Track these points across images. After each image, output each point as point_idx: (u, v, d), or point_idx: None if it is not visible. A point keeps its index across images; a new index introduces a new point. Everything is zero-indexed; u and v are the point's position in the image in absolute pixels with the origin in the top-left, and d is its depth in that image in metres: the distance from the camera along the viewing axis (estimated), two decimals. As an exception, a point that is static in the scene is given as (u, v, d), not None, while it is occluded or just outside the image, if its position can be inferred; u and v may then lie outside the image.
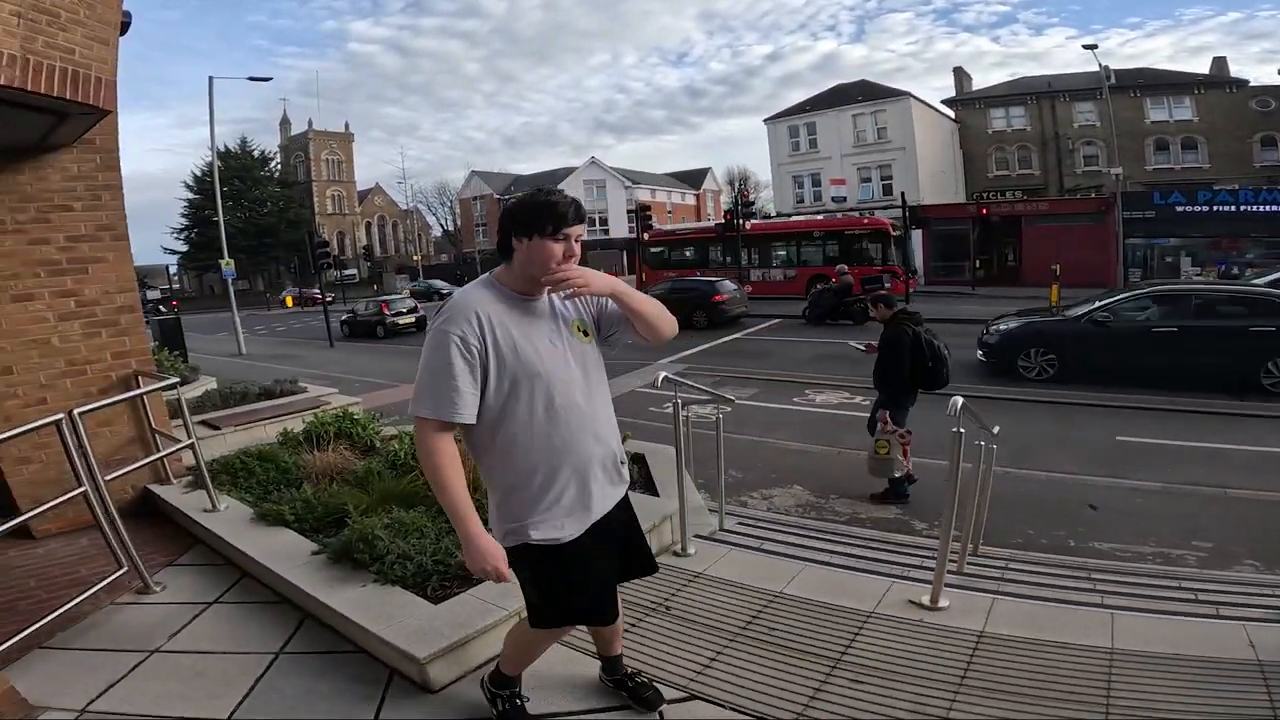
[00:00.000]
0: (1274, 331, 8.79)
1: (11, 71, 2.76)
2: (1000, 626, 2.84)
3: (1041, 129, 32.14)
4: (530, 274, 1.89)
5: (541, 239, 1.82)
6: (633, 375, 11.95)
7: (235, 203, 49.13)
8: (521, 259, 1.87)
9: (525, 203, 1.87)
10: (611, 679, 2.45)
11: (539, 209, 1.82)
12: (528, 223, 1.83)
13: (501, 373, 1.83)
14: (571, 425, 1.91)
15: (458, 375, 1.78)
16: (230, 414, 6.45)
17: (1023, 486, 5.79)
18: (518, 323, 1.87)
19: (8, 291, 4.02)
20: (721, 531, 4.09)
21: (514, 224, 1.86)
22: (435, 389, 1.79)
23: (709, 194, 63.24)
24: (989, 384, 10.02)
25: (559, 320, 1.97)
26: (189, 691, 2.52)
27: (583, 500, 1.97)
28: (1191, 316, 9.51)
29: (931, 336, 5.42)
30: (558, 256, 1.83)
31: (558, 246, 1.83)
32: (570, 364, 1.94)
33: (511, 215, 1.88)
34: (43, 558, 3.86)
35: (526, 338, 1.87)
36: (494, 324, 1.83)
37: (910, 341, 5.31)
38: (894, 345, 5.39)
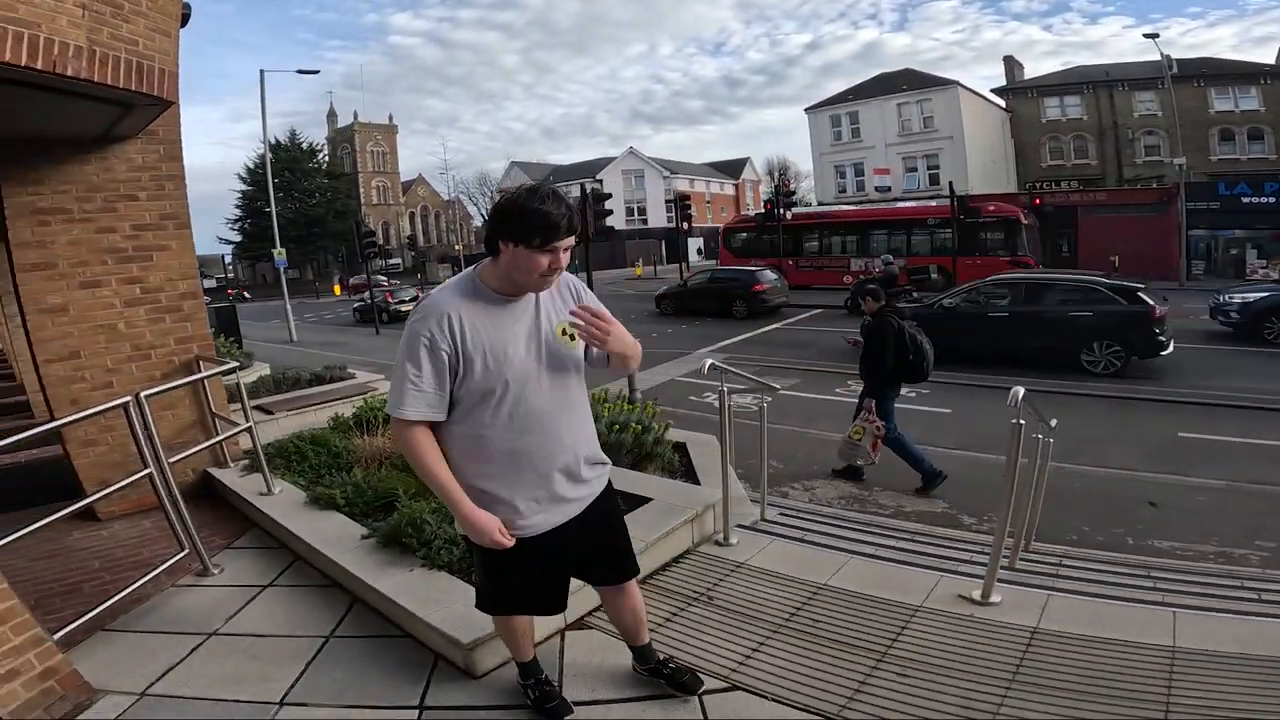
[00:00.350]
0: (1091, 316, 9.96)
1: (79, 63, 2.85)
2: (1055, 623, 2.76)
3: (1099, 118, 31.13)
4: (513, 279, 1.83)
5: (528, 249, 1.74)
6: (672, 364, 11.92)
7: (286, 194, 50.38)
8: (506, 261, 1.80)
9: (517, 206, 1.74)
10: (645, 668, 2.44)
11: (529, 217, 1.72)
12: (516, 229, 1.74)
13: (469, 375, 1.81)
14: (536, 430, 1.90)
15: (423, 375, 1.78)
16: (283, 399, 6.66)
17: (1078, 482, 5.61)
18: (492, 325, 1.84)
19: (76, 278, 4.18)
20: (763, 522, 4.05)
21: (502, 226, 1.77)
22: (402, 387, 1.80)
23: (748, 184, 62.60)
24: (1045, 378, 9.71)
25: (542, 322, 1.91)
26: (243, 674, 2.60)
27: (544, 502, 1.96)
28: (1022, 303, 10.76)
29: (915, 330, 5.51)
30: (543, 268, 1.77)
31: (544, 259, 1.76)
32: (543, 369, 1.90)
33: (502, 216, 1.78)
34: (107, 539, 4.01)
35: (499, 341, 1.83)
36: (465, 326, 1.80)
37: (894, 335, 5.40)
38: (877, 337, 5.48)
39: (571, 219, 1.76)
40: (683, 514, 3.47)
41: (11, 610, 2.26)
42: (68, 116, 3.55)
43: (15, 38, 2.57)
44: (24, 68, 2.63)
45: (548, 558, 2.03)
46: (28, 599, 3.05)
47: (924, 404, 8.47)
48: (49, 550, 3.78)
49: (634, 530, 3.24)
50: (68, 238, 4.13)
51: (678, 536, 3.43)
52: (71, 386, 4.21)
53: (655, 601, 3.02)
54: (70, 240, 4.15)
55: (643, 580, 3.17)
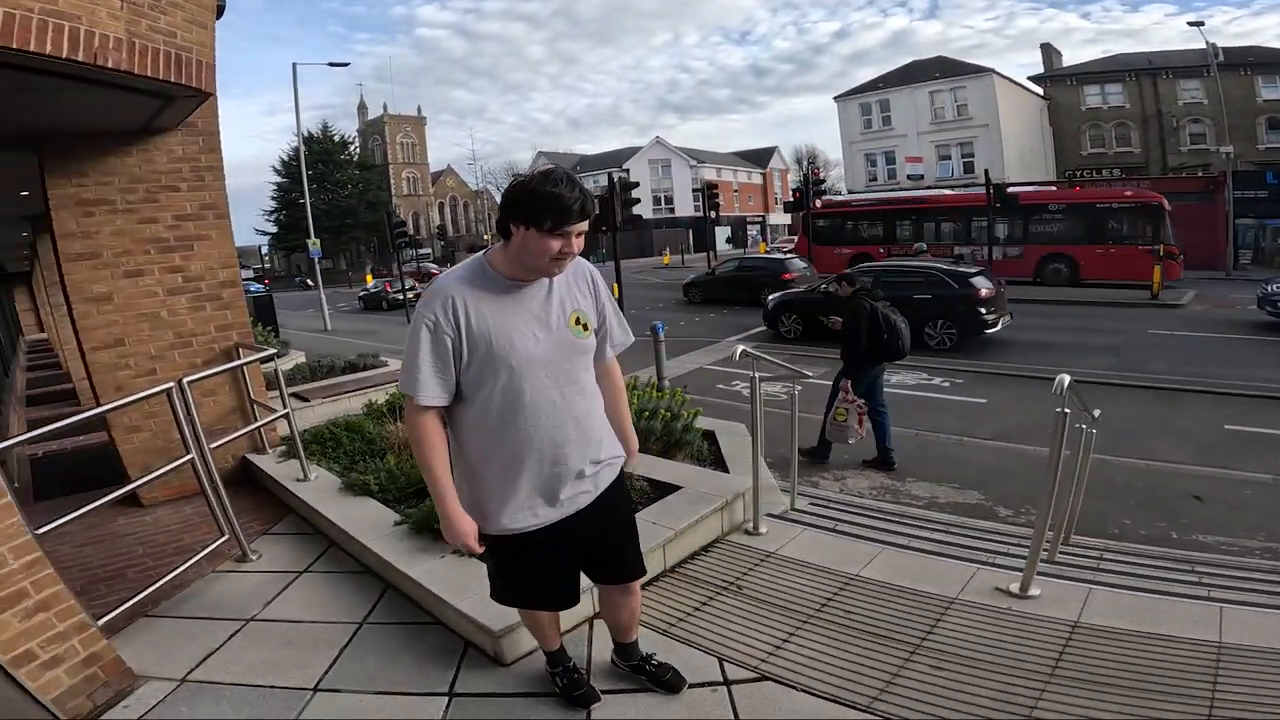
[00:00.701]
0: (930, 299, 11.28)
1: (119, 55, 2.89)
2: (1097, 617, 2.69)
3: (1142, 106, 30.52)
4: (524, 263, 1.79)
5: (539, 233, 1.70)
6: (700, 352, 11.87)
7: (319, 185, 51.13)
8: (516, 244, 1.76)
9: (529, 189, 1.70)
10: (628, 664, 2.41)
11: (541, 200, 1.68)
12: (528, 212, 1.70)
13: (473, 359, 1.79)
14: (540, 419, 1.85)
15: (423, 358, 1.77)
16: (318, 386, 6.78)
17: (1120, 474, 5.46)
18: (499, 311, 1.80)
19: (120, 267, 4.29)
20: (793, 511, 4.02)
21: (514, 208, 1.73)
22: (407, 368, 1.80)
23: (776, 172, 61.93)
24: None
25: (553, 308, 1.87)
26: (279, 661, 2.65)
27: (546, 495, 1.91)
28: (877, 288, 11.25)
29: (889, 311, 5.74)
30: (553, 252, 1.73)
31: (555, 242, 1.72)
32: (551, 356, 1.85)
33: (514, 199, 1.74)
34: (151, 525, 4.11)
35: (504, 327, 1.79)
36: (470, 310, 1.77)
37: (867, 316, 5.66)
38: (853, 319, 5.76)
39: (584, 203, 1.71)
40: (712, 502, 3.45)
41: (57, 596, 2.30)
42: (109, 109, 3.61)
43: (56, 30, 2.61)
44: (65, 60, 2.67)
45: (552, 551, 1.98)
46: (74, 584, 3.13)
47: (959, 394, 8.32)
48: (95, 536, 3.90)
49: (663, 518, 3.28)
50: (111, 228, 4.24)
51: (707, 525, 3.42)
52: (116, 374, 4.32)
53: (684, 590, 3.01)
54: (114, 230, 4.25)
55: (671, 568, 3.18)
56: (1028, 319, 14.28)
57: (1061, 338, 11.78)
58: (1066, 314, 14.80)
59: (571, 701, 2.30)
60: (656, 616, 2.81)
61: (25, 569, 2.19)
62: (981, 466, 5.75)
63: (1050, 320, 13.83)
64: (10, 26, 2.45)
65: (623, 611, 2.28)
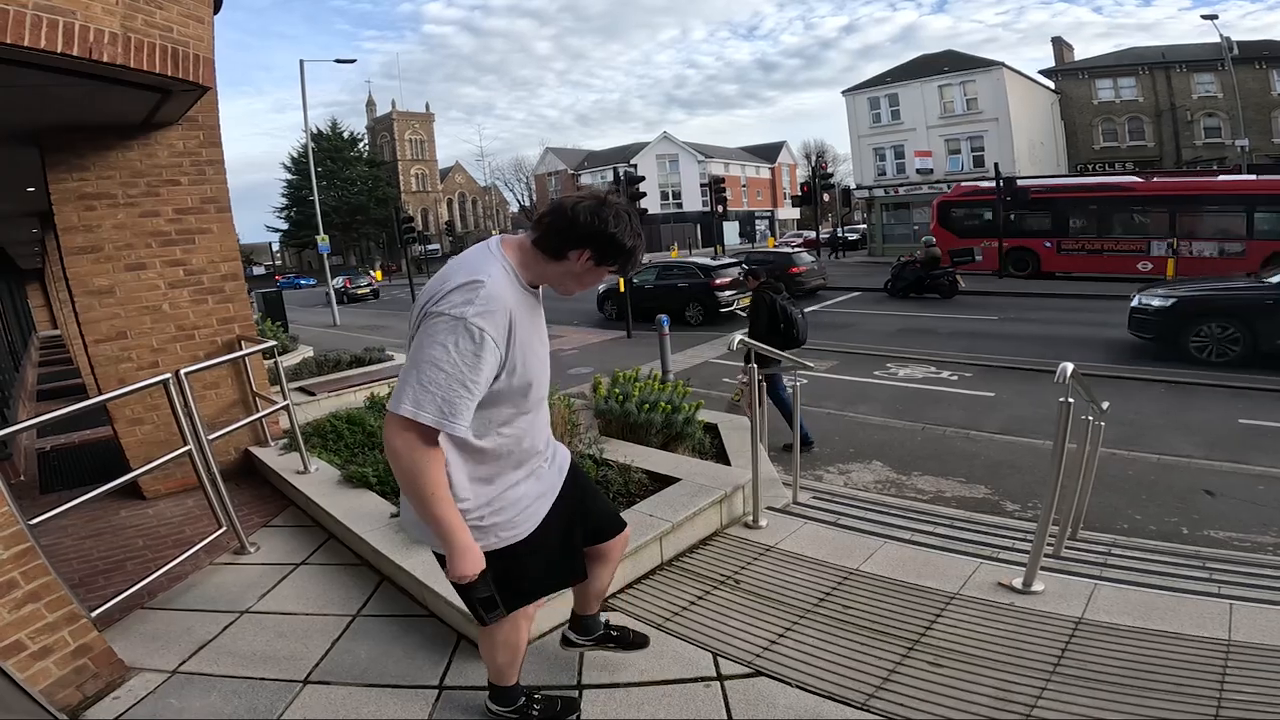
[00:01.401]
0: (688, 287, 15.35)
1: (114, 49, 2.89)
2: (1102, 613, 2.63)
3: (1155, 100, 30.31)
4: (554, 279, 1.75)
5: (598, 267, 1.70)
6: (706, 346, 11.83)
7: (328, 182, 51.43)
8: (570, 270, 1.71)
9: (623, 238, 1.68)
10: (589, 638, 2.37)
11: (622, 253, 1.70)
12: (610, 253, 1.68)
13: (511, 377, 1.66)
14: (540, 425, 1.88)
15: (479, 383, 1.56)
16: (324, 380, 6.80)
17: (1130, 468, 5.38)
18: (528, 323, 1.69)
19: (122, 261, 4.31)
20: (795, 505, 3.98)
21: (595, 242, 1.66)
22: (448, 391, 1.52)
23: (784, 167, 61.67)
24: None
25: (541, 318, 1.83)
26: (272, 652, 2.64)
27: (541, 491, 1.90)
28: (657, 279, 16.31)
29: (787, 303, 6.30)
30: (595, 284, 1.91)
31: (604, 276, 1.80)
32: (547, 368, 1.84)
33: (601, 236, 1.66)
34: (152, 518, 4.13)
35: (530, 341, 1.71)
36: (515, 325, 1.63)
37: (767, 308, 6.19)
38: (756, 309, 6.34)
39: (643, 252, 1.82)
40: (711, 494, 3.42)
41: (48, 587, 2.29)
42: (108, 103, 3.61)
43: (50, 25, 2.60)
44: (60, 55, 2.67)
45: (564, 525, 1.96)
46: (73, 576, 3.15)
47: (967, 388, 8.24)
48: (97, 529, 3.92)
49: (660, 510, 3.25)
50: (113, 222, 4.25)
51: (706, 518, 3.39)
52: (119, 366, 4.35)
53: (680, 584, 2.98)
54: (116, 224, 4.27)
55: (668, 561, 3.15)
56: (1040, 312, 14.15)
57: (1075, 330, 11.62)
58: (1080, 308, 14.63)
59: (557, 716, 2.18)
60: (651, 610, 2.78)
61: (15, 559, 2.19)
62: (989, 460, 5.67)
63: (1064, 314, 13.67)
64: (4, 22, 2.44)
65: (603, 578, 2.23)
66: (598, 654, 2.48)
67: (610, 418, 4.50)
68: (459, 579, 1.67)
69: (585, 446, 3.91)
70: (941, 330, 12.45)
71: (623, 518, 2.25)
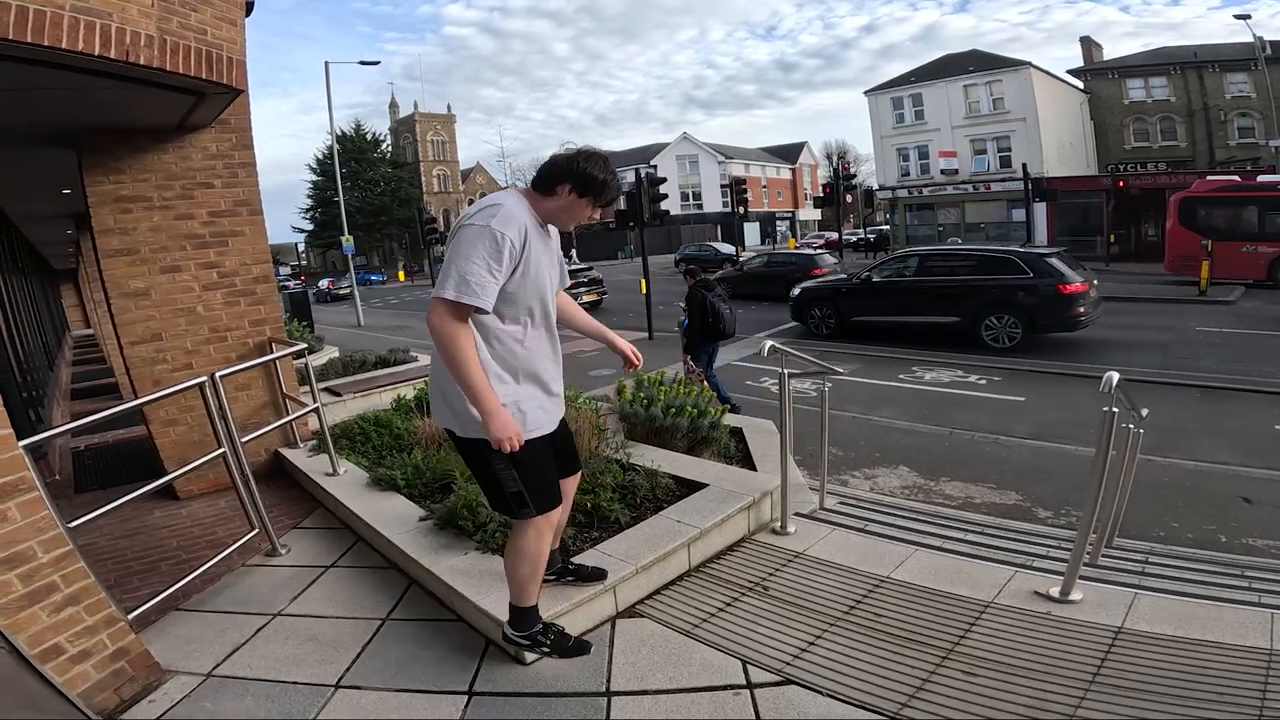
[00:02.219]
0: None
1: (150, 52, 2.91)
2: (1141, 623, 2.57)
3: (1188, 100, 29.79)
4: (555, 215, 2.20)
5: (585, 200, 2.17)
6: (729, 349, 11.74)
7: (352, 183, 51.94)
8: (558, 203, 2.17)
9: (591, 170, 2.13)
10: (550, 573, 2.60)
11: (599, 184, 2.15)
12: (584, 185, 2.14)
13: (524, 281, 2.11)
14: (549, 340, 2.28)
15: (499, 270, 2.01)
16: (350, 381, 6.86)
17: (1166, 475, 5.26)
18: (539, 247, 2.17)
19: (158, 263, 4.37)
20: (822, 510, 3.93)
21: (569, 177, 2.13)
22: (478, 277, 1.97)
23: (805, 168, 61.29)
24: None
25: (555, 248, 2.31)
26: (303, 656, 2.66)
27: (546, 407, 2.27)
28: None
29: (718, 300, 7.16)
30: (584, 218, 2.24)
31: (595, 213, 2.26)
32: (558, 279, 2.33)
33: (571, 171, 2.13)
34: (185, 518, 4.18)
35: (540, 260, 2.17)
36: (531, 240, 2.11)
37: (699, 304, 7.12)
38: (690, 304, 7.25)
39: (620, 191, 2.27)
40: (739, 500, 3.39)
41: (87, 590, 2.30)
42: (144, 107, 3.66)
43: (88, 27, 2.62)
44: (97, 57, 2.69)
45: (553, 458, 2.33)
46: (108, 576, 3.17)
47: (996, 392, 8.11)
48: (131, 529, 3.98)
49: (688, 516, 3.23)
50: (148, 224, 4.32)
51: (733, 524, 3.36)
52: (154, 368, 4.41)
53: (708, 590, 2.96)
54: (151, 227, 4.34)
55: (696, 568, 3.13)
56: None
57: (1105, 334, 11.40)
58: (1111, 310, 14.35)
59: (567, 654, 2.41)
60: (680, 617, 2.77)
61: (55, 563, 2.20)
62: (1019, 466, 5.58)
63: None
64: (42, 24, 2.46)
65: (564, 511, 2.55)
66: (627, 663, 2.47)
67: (635, 421, 4.49)
68: (498, 441, 2.00)
69: (613, 451, 3.89)
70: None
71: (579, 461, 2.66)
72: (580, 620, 2.64)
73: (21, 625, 2.09)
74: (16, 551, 2.10)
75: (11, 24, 2.38)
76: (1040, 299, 10.24)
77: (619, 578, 2.77)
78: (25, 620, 2.11)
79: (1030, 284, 10.36)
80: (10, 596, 2.08)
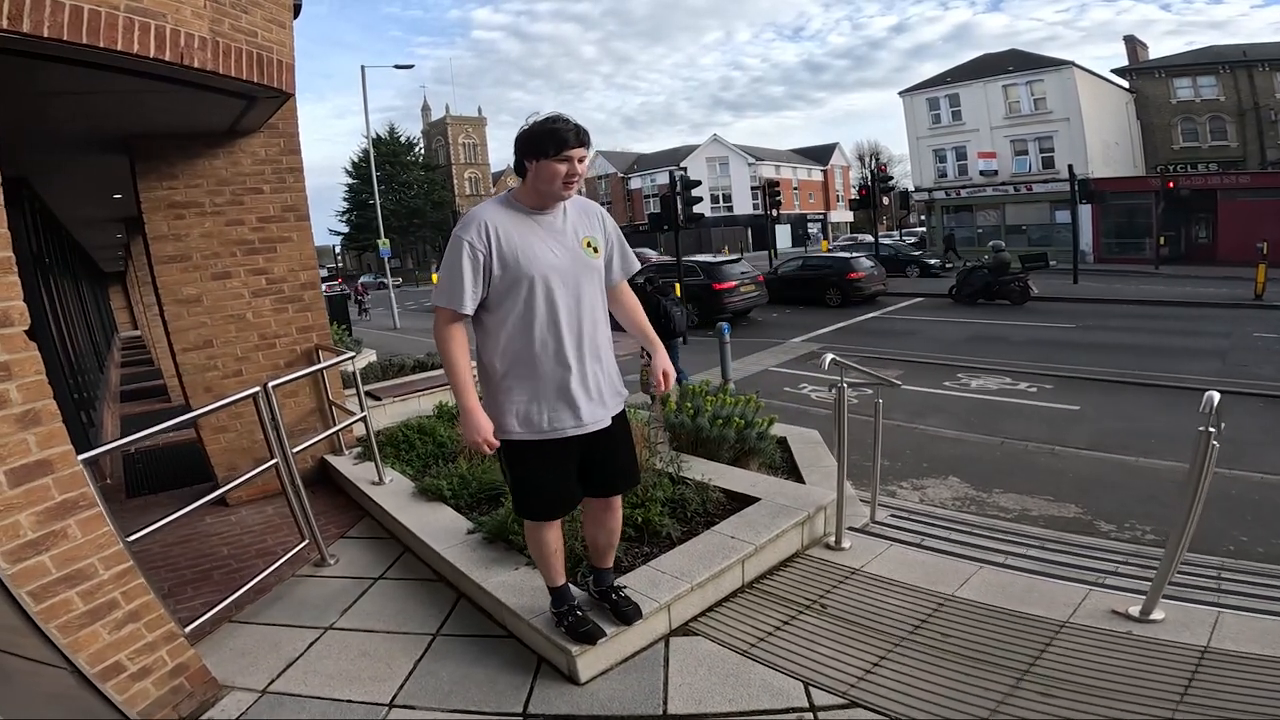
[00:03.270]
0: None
1: (204, 54, 2.88)
2: (1228, 642, 2.44)
3: (1238, 99, 28.79)
4: (540, 190, 2.14)
5: (546, 160, 2.06)
6: (765, 354, 11.63)
7: (387, 186, 52.72)
8: (531, 176, 2.13)
9: (534, 129, 2.08)
10: (597, 589, 2.61)
11: (543, 135, 2.05)
12: (534, 146, 2.07)
13: (505, 272, 2.11)
14: (563, 323, 2.16)
15: (465, 274, 2.08)
16: (389, 385, 6.89)
17: (1233, 488, 5.02)
18: (524, 232, 2.14)
19: (209, 270, 4.40)
20: (874, 524, 3.81)
21: (523, 147, 2.10)
22: (450, 284, 2.09)
23: (837, 169, 60.50)
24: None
25: (569, 231, 2.22)
26: (357, 672, 2.62)
27: (564, 401, 2.19)
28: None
29: (669, 304, 7.86)
30: (561, 175, 2.08)
31: (561, 167, 2.07)
32: (568, 267, 2.18)
33: (522, 140, 2.11)
34: (235, 525, 4.18)
35: (529, 244, 2.13)
36: (499, 232, 2.10)
37: (652, 308, 7.39)
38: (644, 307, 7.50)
39: (580, 132, 2.07)
40: (793, 515, 3.29)
41: (147, 606, 2.28)
42: (196, 111, 3.67)
43: (143, 28, 2.59)
44: (153, 59, 2.66)
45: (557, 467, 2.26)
46: (162, 586, 3.16)
47: (1048, 400, 7.86)
48: (183, 535, 3.99)
49: (742, 532, 3.14)
50: (200, 230, 4.35)
51: (787, 539, 3.26)
52: (205, 374, 4.44)
53: (763, 608, 2.87)
54: (203, 233, 4.37)
55: (749, 584, 3.04)
56: (1120, 320, 13.47)
57: (1159, 340, 11.03)
58: (1163, 315, 13.89)
59: (578, 638, 2.43)
60: (735, 635, 2.68)
61: (116, 579, 2.18)
62: (1077, 477, 5.37)
63: (1147, 322, 12.99)
64: (97, 25, 2.42)
65: (603, 531, 2.50)
66: (684, 684, 2.40)
67: (681, 432, 4.40)
68: (469, 444, 2.15)
69: (665, 465, 3.81)
70: (1014, 339, 11.97)
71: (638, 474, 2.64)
72: (634, 639, 2.57)
73: (82, 644, 2.07)
74: (78, 569, 2.08)
75: (66, 24, 2.34)
76: None
77: (673, 595, 2.69)
78: (86, 639, 2.09)
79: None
80: (71, 614, 2.06)
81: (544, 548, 2.40)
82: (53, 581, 2.03)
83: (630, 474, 2.49)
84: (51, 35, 2.31)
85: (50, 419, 2.05)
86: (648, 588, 2.70)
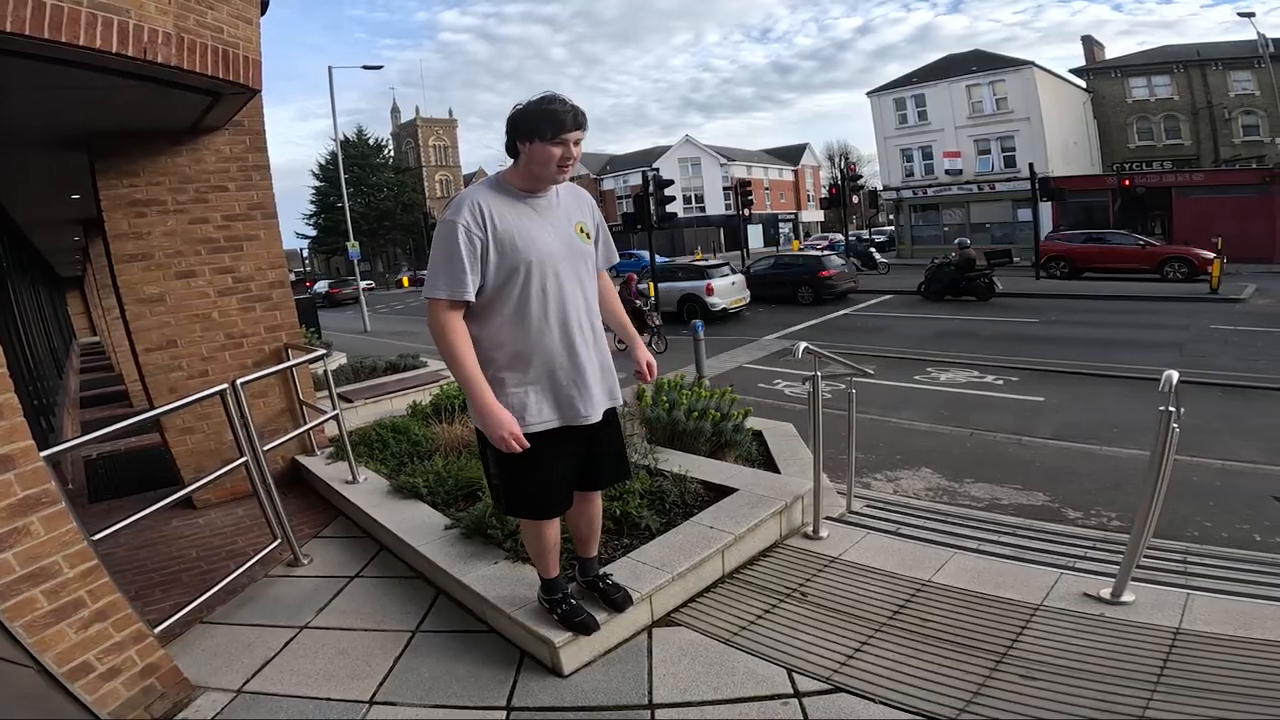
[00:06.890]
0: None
1: (169, 50, 2.82)
2: (1199, 623, 2.50)
3: (1191, 98, 29.80)
4: (533, 173, 2.06)
5: (542, 143, 1.98)
6: (740, 350, 11.70)
7: (355, 189, 51.92)
8: (525, 159, 2.04)
9: (529, 109, 2.00)
10: (584, 579, 2.58)
11: (539, 116, 1.97)
12: (529, 128, 1.98)
13: (502, 257, 2.02)
14: (562, 308, 2.10)
15: (464, 258, 1.98)
16: (361, 387, 6.80)
17: (1195, 474, 5.18)
18: (517, 216, 2.06)
19: (173, 269, 4.28)
20: (851, 514, 3.86)
21: (517, 128, 2.02)
22: (449, 271, 1.98)
23: (808, 169, 61.25)
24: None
25: (561, 215, 2.15)
26: (334, 671, 2.57)
27: (557, 392, 2.13)
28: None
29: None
30: (556, 159, 2.00)
31: (556, 150, 1.99)
32: (565, 253, 2.12)
33: (516, 121, 2.02)
34: (203, 528, 4.08)
35: (524, 227, 2.05)
36: (493, 214, 2.02)
37: None
38: None
39: (577, 115, 1.99)
40: (771, 505, 3.31)
41: (114, 605, 2.23)
42: (159, 107, 3.58)
43: (105, 24, 2.54)
44: (115, 54, 2.60)
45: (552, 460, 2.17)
46: (130, 589, 3.08)
47: (1014, 392, 8.04)
48: (149, 539, 3.88)
49: (721, 522, 3.15)
50: (163, 228, 4.24)
51: (766, 529, 3.28)
52: (170, 375, 4.32)
53: (744, 597, 2.88)
54: (165, 231, 4.25)
55: (729, 574, 3.05)
56: (1082, 314, 13.82)
57: (1119, 333, 11.35)
58: (1123, 309, 14.28)
59: (574, 628, 2.40)
60: (717, 624, 2.69)
61: (81, 578, 2.11)
62: (1045, 466, 5.51)
63: (1108, 316, 13.34)
64: (59, 20, 2.37)
65: (583, 520, 2.46)
66: (668, 674, 2.40)
67: (657, 425, 4.41)
68: (495, 441, 2.00)
69: (640, 457, 3.81)
70: (982, 333, 12.22)
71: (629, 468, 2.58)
72: (616, 630, 2.56)
73: (49, 643, 2.01)
74: (41, 567, 2.01)
75: (28, 19, 2.29)
76: None
77: (655, 586, 2.69)
78: (52, 638, 2.02)
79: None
80: (36, 613, 2.00)
81: (543, 542, 2.36)
82: (16, 579, 1.96)
83: (622, 467, 2.45)
84: (14, 30, 2.25)
85: (11, 413, 1.97)
86: (629, 579, 2.69)
